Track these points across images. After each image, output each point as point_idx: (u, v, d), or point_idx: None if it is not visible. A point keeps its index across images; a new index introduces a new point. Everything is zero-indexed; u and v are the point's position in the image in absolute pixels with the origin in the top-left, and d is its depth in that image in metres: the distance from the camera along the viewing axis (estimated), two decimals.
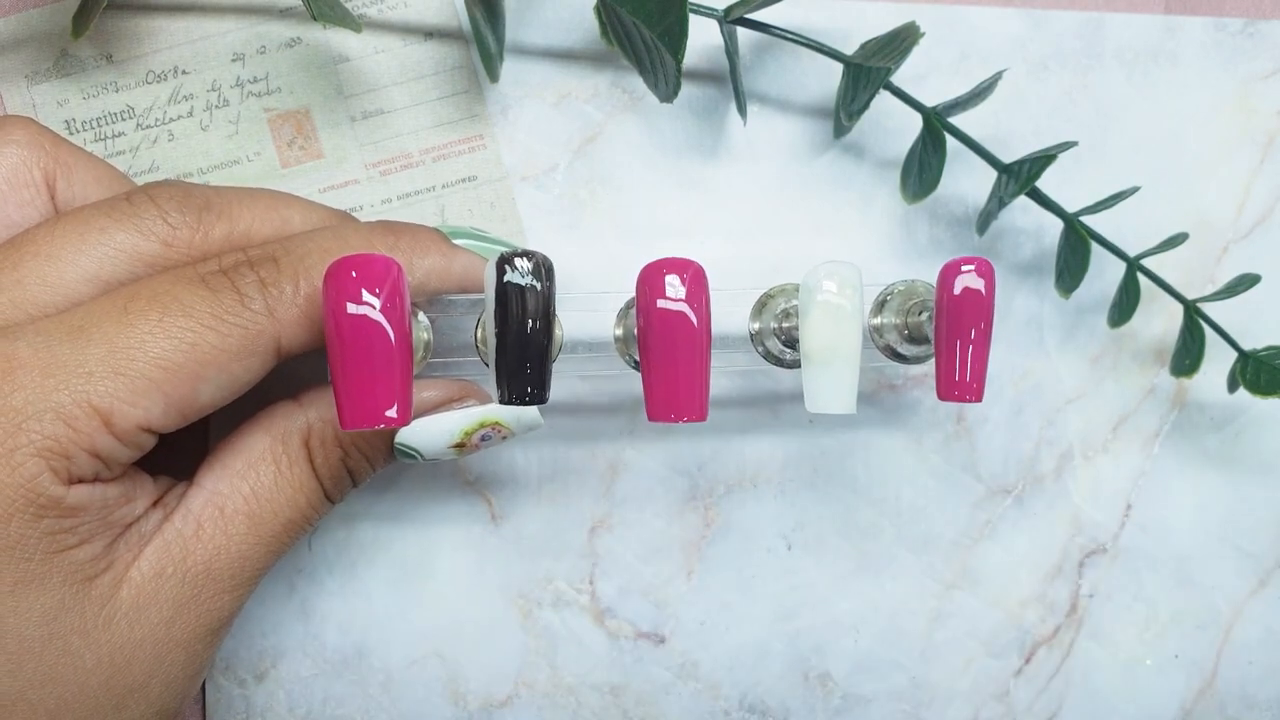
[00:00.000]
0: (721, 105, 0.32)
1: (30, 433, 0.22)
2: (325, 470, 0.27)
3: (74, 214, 0.25)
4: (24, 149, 0.26)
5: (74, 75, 0.31)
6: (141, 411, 0.23)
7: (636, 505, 0.33)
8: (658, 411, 0.25)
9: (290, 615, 0.32)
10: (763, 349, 0.28)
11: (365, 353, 0.23)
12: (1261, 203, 0.34)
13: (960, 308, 0.26)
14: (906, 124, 0.31)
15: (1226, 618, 0.35)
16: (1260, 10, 0.34)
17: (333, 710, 0.32)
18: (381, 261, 0.23)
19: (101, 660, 0.24)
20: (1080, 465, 0.34)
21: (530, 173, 0.32)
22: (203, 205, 0.26)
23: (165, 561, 0.25)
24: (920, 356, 0.28)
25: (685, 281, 0.24)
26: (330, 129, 0.31)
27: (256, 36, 0.31)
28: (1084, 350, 0.34)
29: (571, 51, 0.32)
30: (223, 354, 0.24)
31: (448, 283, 0.27)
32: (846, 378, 0.26)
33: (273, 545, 0.26)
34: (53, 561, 0.23)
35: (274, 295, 0.24)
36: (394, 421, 0.23)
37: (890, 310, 0.28)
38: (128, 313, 0.23)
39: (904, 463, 0.33)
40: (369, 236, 0.26)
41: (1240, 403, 0.34)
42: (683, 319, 0.24)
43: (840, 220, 0.33)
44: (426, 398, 0.27)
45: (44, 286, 0.24)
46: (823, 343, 0.26)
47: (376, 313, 0.23)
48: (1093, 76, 0.33)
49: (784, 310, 0.28)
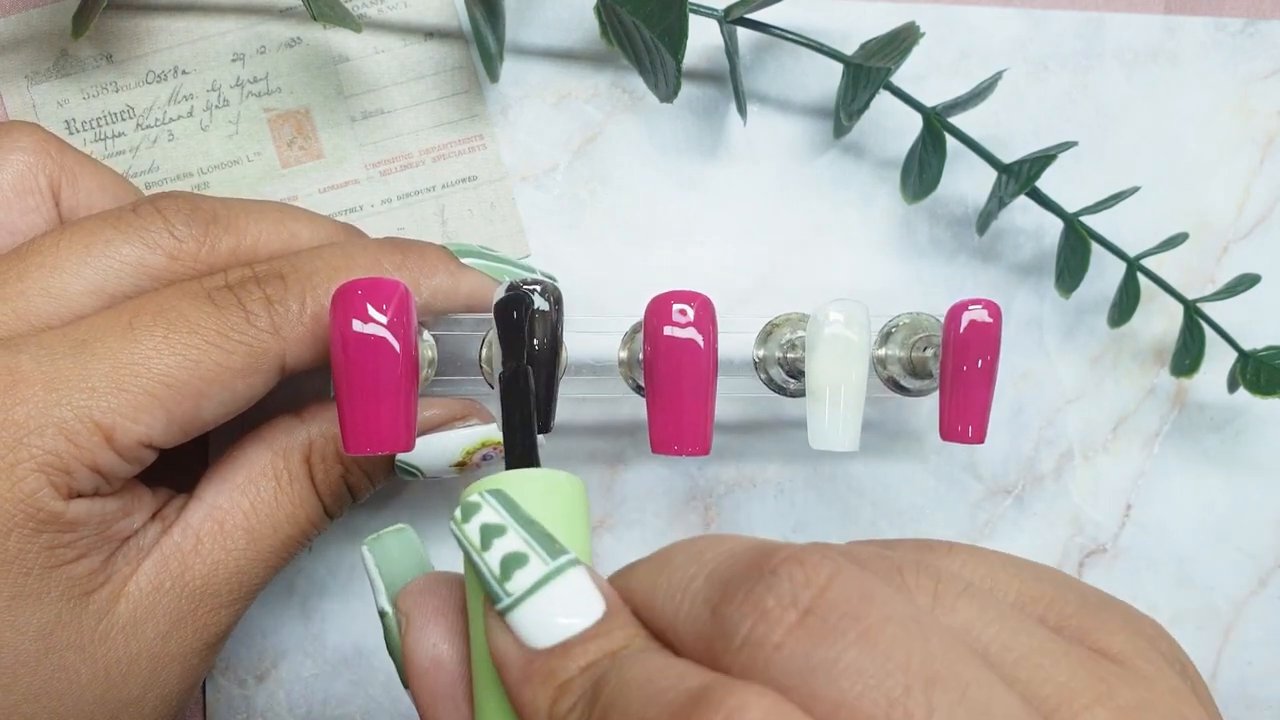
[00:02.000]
0: (721, 105, 0.32)
1: (31, 447, 0.22)
2: (326, 486, 0.26)
3: (79, 225, 0.25)
4: (30, 156, 0.26)
5: (74, 75, 0.31)
6: (143, 428, 0.23)
7: (636, 505, 0.33)
8: (661, 444, 0.25)
9: (290, 615, 0.32)
10: (766, 377, 0.28)
11: (371, 377, 0.23)
12: (1261, 203, 0.34)
13: (966, 348, 0.26)
14: (906, 124, 0.31)
15: (1226, 618, 0.34)
16: (1260, 10, 0.34)
17: (333, 710, 0.32)
18: (389, 284, 0.23)
19: (97, 675, 0.23)
20: (1080, 465, 0.34)
21: (530, 173, 0.32)
22: (209, 218, 0.26)
23: (163, 576, 0.24)
24: (923, 390, 0.29)
25: (693, 311, 0.24)
26: (330, 129, 0.31)
27: (256, 36, 0.31)
28: (1084, 350, 0.34)
29: (571, 51, 0.32)
30: (227, 371, 0.24)
31: (454, 302, 0.27)
32: (851, 416, 0.26)
33: (271, 560, 0.26)
34: (50, 576, 0.23)
35: (280, 313, 0.24)
36: (398, 448, 0.23)
37: (895, 343, 0.28)
38: (132, 328, 0.23)
39: (904, 462, 0.33)
40: (376, 254, 0.26)
41: (1240, 403, 0.34)
42: (690, 349, 0.24)
43: (840, 220, 0.33)
44: (429, 416, 0.27)
45: (48, 298, 0.24)
46: (829, 380, 0.26)
47: (384, 334, 0.23)
48: (1092, 76, 0.33)
49: (789, 340, 0.28)
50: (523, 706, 0.18)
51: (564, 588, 0.19)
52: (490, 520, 0.20)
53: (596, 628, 0.19)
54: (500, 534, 0.20)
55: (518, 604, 0.19)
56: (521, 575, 0.19)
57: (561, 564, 0.19)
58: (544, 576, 0.19)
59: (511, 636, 0.19)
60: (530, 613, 0.19)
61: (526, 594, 0.19)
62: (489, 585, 0.19)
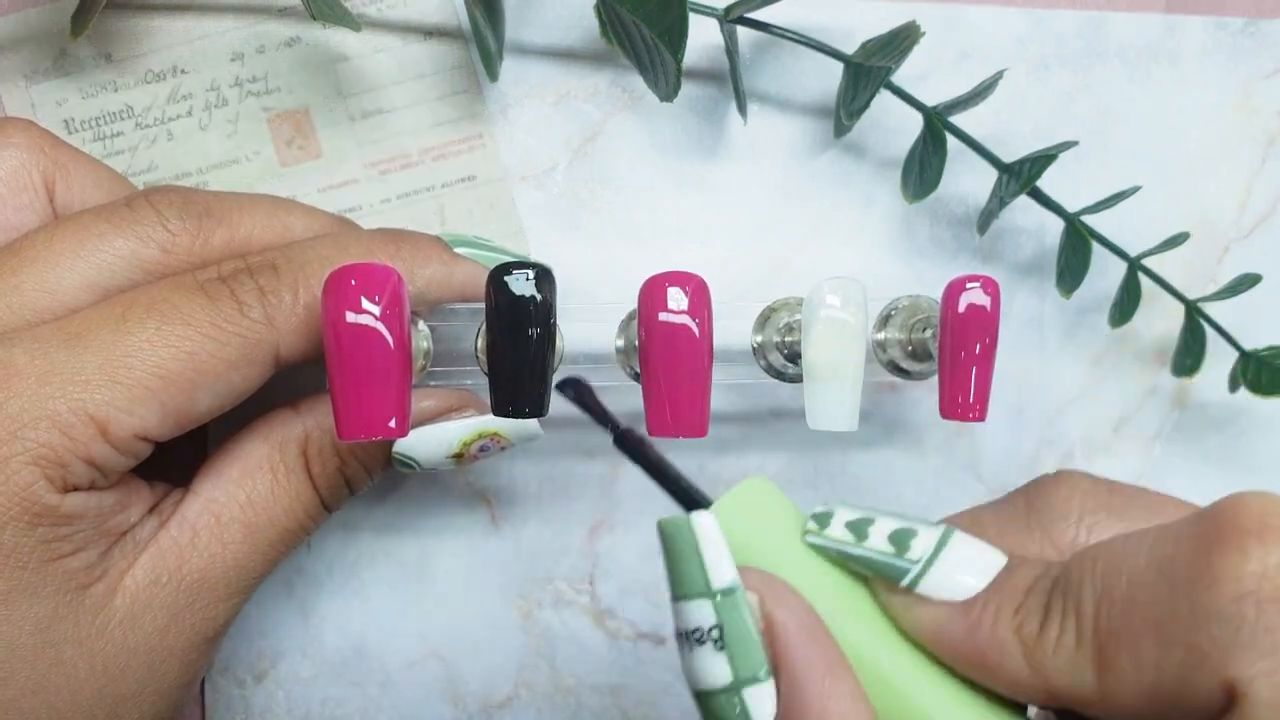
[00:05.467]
0: (721, 105, 0.32)
1: (26, 440, 0.22)
2: (323, 479, 0.26)
3: (73, 219, 0.25)
4: (23, 151, 0.26)
5: (73, 75, 0.31)
6: (138, 420, 0.23)
7: (636, 505, 0.33)
8: (658, 427, 0.25)
9: (289, 616, 0.32)
10: (764, 362, 0.28)
11: (364, 362, 0.23)
12: (1263, 202, 0.34)
13: (964, 326, 0.26)
14: (907, 123, 0.31)
15: None
16: (1261, 9, 0.33)
17: (332, 711, 0.32)
18: (381, 270, 0.23)
19: (95, 669, 0.23)
20: (1081, 465, 0.34)
21: (530, 172, 0.32)
22: (203, 211, 0.26)
23: (160, 570, 0.24)
24: (923, 373, 0.28)
25: (688, 294, 0.24)
26: (329, 128, 0.31)
27: (255, 36, 0.31)
28: (1085, 350, 0.33)
29: (571, 51, 0.32)
30: (221, 363, 0.24)
31: (448, 292, 0.27)
32: (849, 395, 0.26)
33: (269, 554, 0.26)
34: (47, 570, 0.23)
35: (273, 304, 0.24)
36: (392, 433, 0.23)
37: (894, 326, 0.28)
38: (126, 320, 0.23)
39: (905, 462, 0.33)
40: (370, 244, 0.26)
41: (1241, 403, 0.33)
42: (685, 332, 0.24)
43: (840, 220, 0.33)
44: (425, 407, 0.27)
45: (42, 292, 0.24)
46: (826, 360, 0.26)
47: (376, 322, 0.23)
48: (1093, 76, 0.33)
49: (787, 324, 0.28)
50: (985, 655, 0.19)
51: (962, 546, 0.20)
52: (853, 517, 0.21)
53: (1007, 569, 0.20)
54: (870, 523, 0.21)
55: (926, 569, 0.20)
56: (918, 544, 0.20)
57: (948, 529, 0.21)
58: (940, 539, 0.21)
59: (930, 605, 0.20)
60: (940, 576, 0.20)
61: (931, 558, 0.20)
62: (887, 567, 0.20)
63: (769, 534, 0.22)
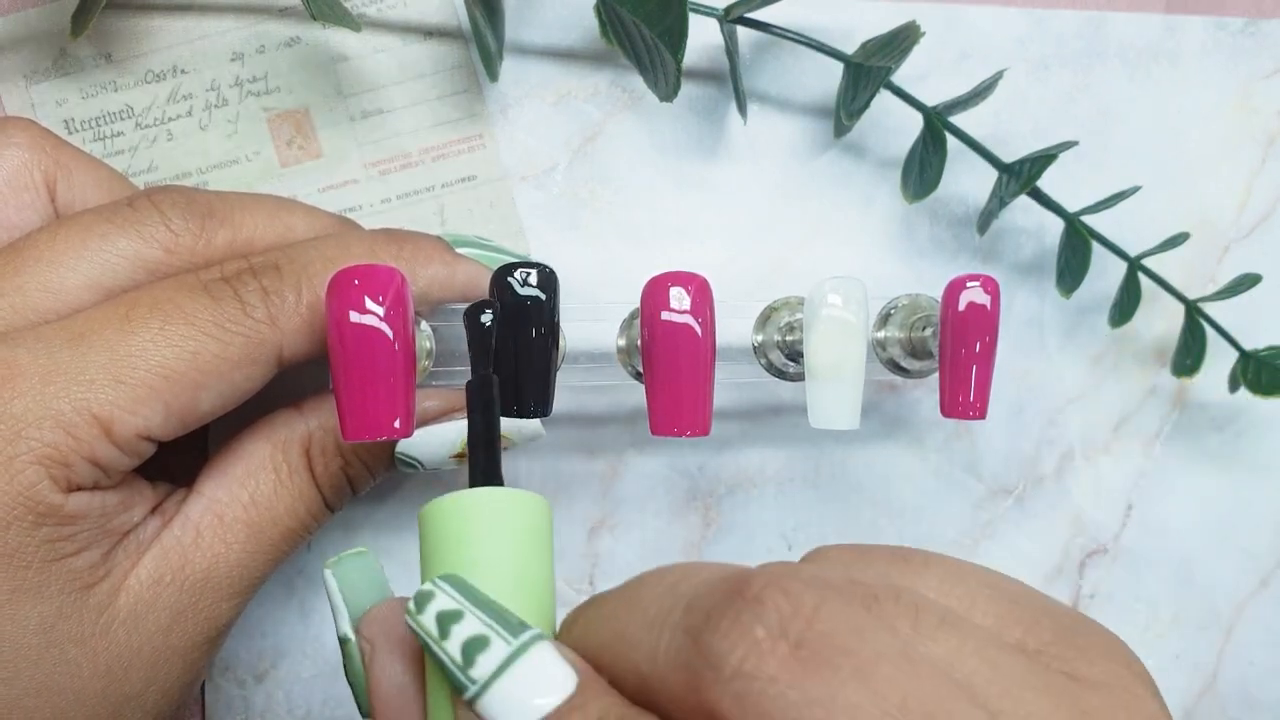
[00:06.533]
0: (721, 105, 0.32)
1: (30, 440, 0.22)
2: (325, 479, 0.26)
3: (75, 219, 0.25)
4: (25, 151, 0.26)
5: (73, 75, 0.31)
6: (142, 420, 0.23)
7: (636, 505, 0.33)
8: (661, 426, 0.25)
9: (290, 616, 0.32)
10: (765, 361, 0.28)
11: (368, 362, 0.23)
12: (1263, 202, 0.34)
13: (965, 325, 0.26)
14: (907, 123, 0.31)
15: (1228, 618, 0.34)
16: (1261, 9, 0.33)
17: (332, 711, 0.32)
18: (385, 271, 0.23)
19: (98, 669, 0.23)
20: (1081, 465, 0.34)
21: (530, 172, 0.32)
22: (206, 211, 0.26)
23: (163, 569, 0.24)
24: (923, 371, 0.28)
25: (690, 294, 0.24)
26: (329, 128, 0.31)
27: (255, 36, 0.31)
28: (1085, 350, 0.34)
29: (571, 51, 0.32)
30: (224, 362, 0.24)
31: (451, 292, 0.27)
32: (850, 394, 0.26)
33: (272, 554, 0.26)
34: (50, 569, 0.23)
35: (276, 303, 0.24)
36: (397, 433, 0.23)
37: (894, 324, 0.28)
38: (129, 320, 0.23)
39: (905, 462, 0.33)
40: (372, 244, 0.26)
41: (1241, 403, 0.33)
42: (687, 331, 0.24)
43: (840, 220, 0.33)
44: (428, 407, 0.27)
45: (45, 292, 0.24)
46: (827, 359, 0.26)
47: (380, 322, 0.23)
48: (1093, 76, 0.33)
49: (788, 324, 0.28)
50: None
51: (530, 666, 0.19)
52: (446, 607, 0.19)
53: (570, 703, 0.18)
54: (457, 619, 0.19)
55: (485, 690, 0.18)
56: (485, 659, 0.18)
57: (525, 641, 0.19)
58: (508, 657, 0.19)
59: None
60: (500, 697, 0.18)
61: (493, 678, 0.18)
62: (453, 676, 0.19)
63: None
